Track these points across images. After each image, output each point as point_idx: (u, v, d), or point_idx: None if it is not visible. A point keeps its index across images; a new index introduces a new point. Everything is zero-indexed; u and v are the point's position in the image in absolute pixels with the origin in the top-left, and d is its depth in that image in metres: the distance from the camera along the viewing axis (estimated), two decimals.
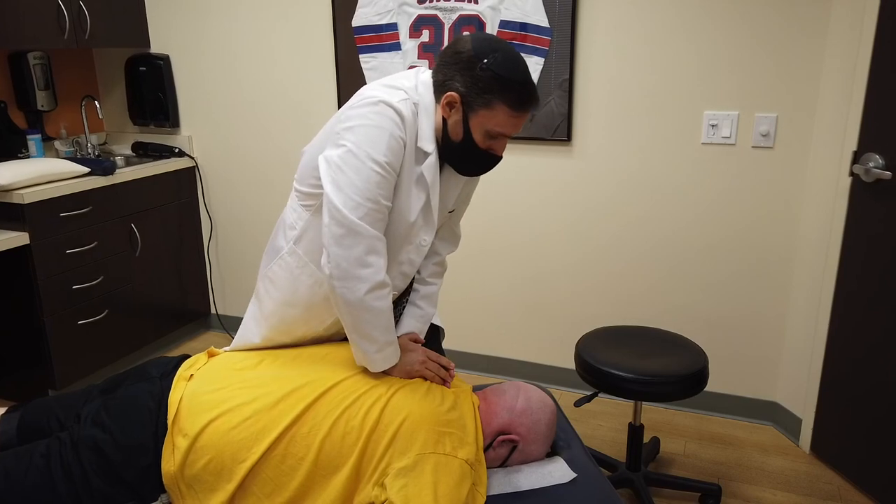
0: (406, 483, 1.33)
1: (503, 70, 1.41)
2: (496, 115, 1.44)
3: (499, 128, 1.45)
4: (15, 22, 2.68)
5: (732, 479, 2.37)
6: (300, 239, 1.60)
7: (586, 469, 1.56)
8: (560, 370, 2.98)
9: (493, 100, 1.42)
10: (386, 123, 1.42)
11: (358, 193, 1.40)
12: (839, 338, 2.36)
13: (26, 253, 2.62)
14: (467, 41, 1.46)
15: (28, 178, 2.61)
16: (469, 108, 1.45)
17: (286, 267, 1.62)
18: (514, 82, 1.41)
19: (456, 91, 1.45)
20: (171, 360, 1.62)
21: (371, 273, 1.43)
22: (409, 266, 1.63)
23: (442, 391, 1.54)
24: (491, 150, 1.50)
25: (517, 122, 1.46)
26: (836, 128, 2.31)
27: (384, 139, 1.41)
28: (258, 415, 1.43)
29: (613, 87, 2.60)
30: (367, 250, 1.42)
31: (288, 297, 1.62)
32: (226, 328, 3.61)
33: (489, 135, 1.47)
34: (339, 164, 1.41)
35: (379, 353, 1.50)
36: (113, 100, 3.50)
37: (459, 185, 1.66)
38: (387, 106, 1.42)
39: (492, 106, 1.43)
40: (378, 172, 1.41)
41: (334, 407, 1.44)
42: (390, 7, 2.80)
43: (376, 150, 1.41)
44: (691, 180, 2.59)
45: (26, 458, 1.42)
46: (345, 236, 1.40)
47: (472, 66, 1.42)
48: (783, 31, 2.34)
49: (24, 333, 2.76)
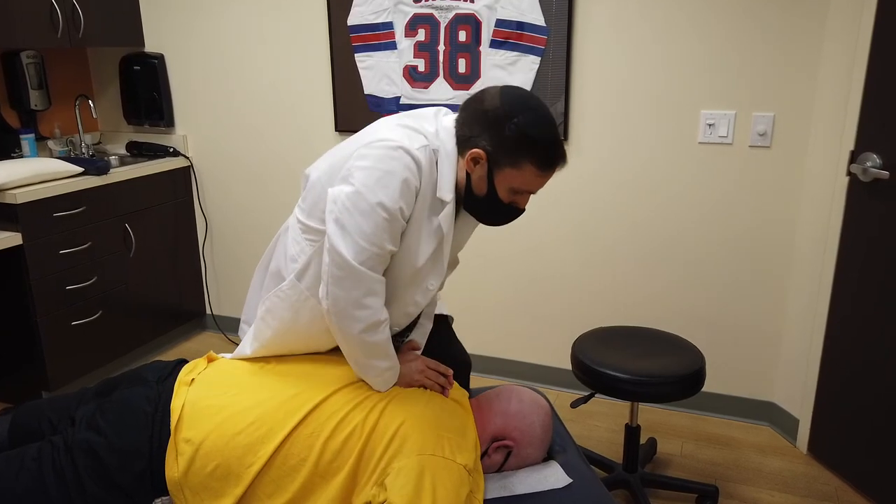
0: (405, 483, 1.32)
1: (532, 130, 1.38)
2: (524, 174, 1.42)
3: (525, 186, 1.44)
4: (8, 21, 2.66)
5: (729, 480, 2.36)
6: (303, 274, 1.55)
7: (582, 473, 1.55)
8: (557, 371, 2.97)
9: (521, 160, 1.40)
10: (401, 170, 1.38)
11: (363, 238, 1.38)
12: (837, 338, 2.35)
13: (19, 253, 2.60)
14: (496, 95, 1.42)
15: (21, 178, 2.59)
16: (495, 164, 1.42)
17: (286, 299, 1.58)
18: (543, 142, 1.38)
19: (482, 149, 1.42)
20: (168, 365, 1.60)
21: (368, 315, 1.43)
22: (415, 307, 1.60)
23: (442, 398, 1.54)
24: (514, 205, 1.48)
25: (544, 180, 1.45)
26: (834, 127, 2.30)
27: (397, 185, 1.38)
28: (262, 419, 1.43)
29: (610, 87, 2.59)
30: (365, 293, 1.41)
31: (288, 327, 1.59)
32: (221, 329, 3.60)
33: (514, 191, 1.46)
34: (347, 205, 1.38)
35: (378, 377, 1.51)
36: (107, 99, 3.48)
37: (472, 229, 1.66)
38: (405, 153, 1.39)
39: (519, 166, 1.41)
40: (386, 219, 1.38)
41: (337, 410, 1.44)
42: (386, 6, 2.79)
43: (388, 195, 1.37)
44: (688, 180, 2.58)
45: (17, 462, 1.41)
46: (344, 279, 1.39)
47: (499, 124, 1.39)
48: (780, 31, 2.33)
49: (17, 334, 2.74)
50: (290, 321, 1.58)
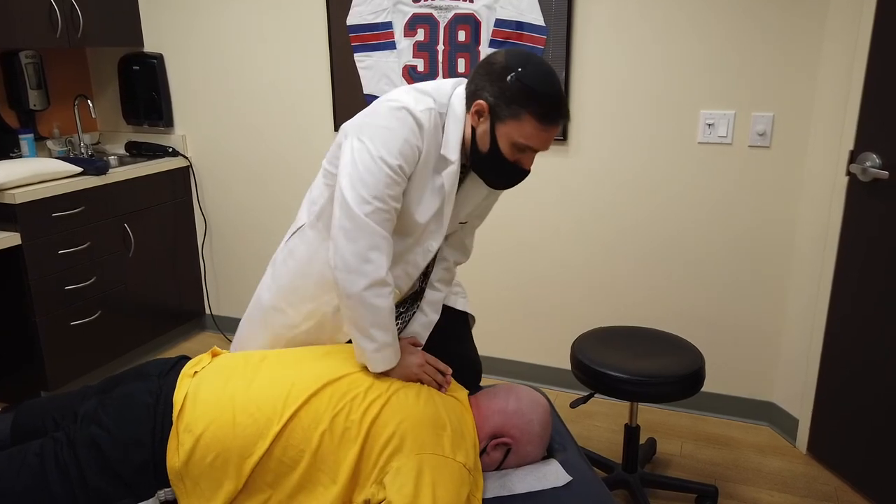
0: (404, 483, 1.32)
1: (533, 81, 1.40)
2: (524, 126, 1.43)
3: (525, 140, 1.44)
4: (6, 21, 2.65)
5: (729, 479, 2.36)
6: (321, 214, 1.63)
7: (581, 472, 1.54)
8: (556, 371, 2.97)
9: (521, 111, 1.41)
10: (402, 129, 1.45)
11: (367, 191, 1.43)
12: (836, 337, 2.35)
13: (18, 253, 2.60)
14: (501, 54, 1.47)
15: (20, 178, 2.59)
16: (497, 118, 1.45)
17: (306, 240, 1.66)
18: (544, 94, 1.40)
19: (485, 100, 1.45)
20: (170, 361, 1.61)
21: (372, 269, 1.45)
22: (414, 268, 1.64)
23: (442, 396, 1.54)
24: (518, 164, 1.49)
25: (545, 136, 1.44)
26: (833, 127, 2.30)
27: (398, 144, 1.44)
28: (262, 410, 1.43)
29: (609, 86, 2.59)
30: (370, 246, 1.45)
31: (303, 268, 1.66)
32: (220, 329, 3.59)
33: (517, 147, 1.46)
34: (355, 159, 1.46)
35: (377, 352, 1.51)
36: (106, 99, 3.48)
37: (479, 196, 1.66)
38: (407, 113, 1.45)
39: (520, 117, 1.42)
40: (388, 174, 1.44)
41: (336, 401, 1.44)
42: (385, 6, 2.79)
43: (389, 152, 1.44)
44: (688, 180, 2.58)
45: (19, 458, 1.41)
46: (351, 230, 1.44)
47: (502, 76, 1.42)
48: (780, 30, 2.33)
49: (16, 334, 2.74)
50: (305, 262, 1.65)
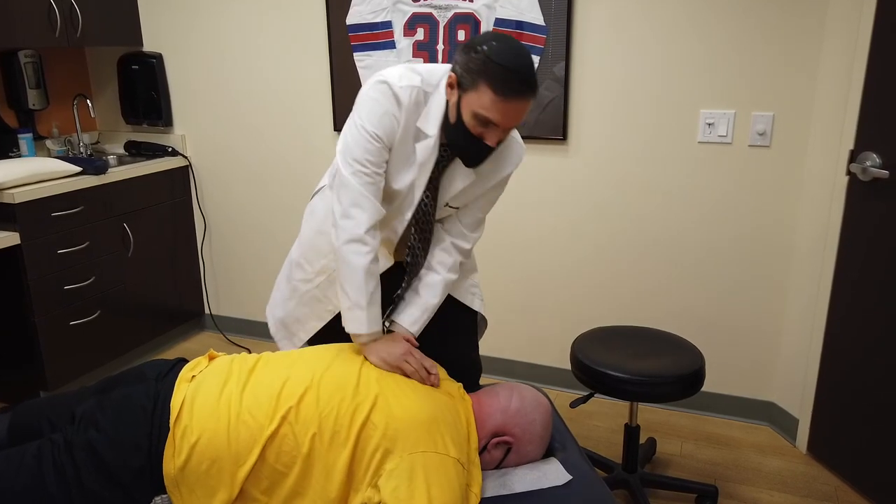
0: (398, 485, 1.32)
1: (493, 53, 1.44)
2: (481, 97, 1.46)
3: (484, 111, 1.47)
4: (5, 20, 2.65)
5: (729, 479, 2.36)
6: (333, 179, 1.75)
7: (582, 471, 1.54)
8: (556, 370, 2.97)
9: (480, 81, 1.46)
10: (382, 101, 1.56)
11: (350, 154, 1.59)
12: (836, 337, 2.35)
13: (17, 253, 2.59)
14: (480, 34, 1.57)
15: (19, 178, 2.59)
16: (462, 88, 1.50)
17: (325, 199, 1.82)
18: (501, 65, 1.43)
19: (455, 72, 1.52)
20: (168, 363, 1.60)
21: (352, 225, 1.58)
22: (393, 233, 1.74)
23: (432, 391, 1.52)
24: (482, 138, 1.52)
25: (503, 108, 1.46)
26: (833, 126, 2.30)
27: (378, 113, 1.56)
28: (255, 417, 1.42)
29: (609, 86, 2.59)
30: (351, 203, 1.59)
31: (320, 225, 1.81)
32: (220, 328, 3.59)
33: (478, 119, 1.49)
34: (346, 129, 1.62)
35: (349, 311, 1.61)
36: (105, 98, 3.48)
37: (464, 179, 1.68)
38: (388, 87, 1.56)
39: (478, 87, 1.46)
40: (367, 139, 1.57)
41: (324, 404, 1.43)
42: (385, 5, 2.78)
43: (370, 121, 1.57)
44: (687, 179, 2.58)
45: (17, 459, 1.41)
46: (340, 189, 1.60)
47: (469, 49, 1.48)
48: (780, 30, 2.33)
49: (15, 334, 2.73)
50: (322, 220, 1.82)
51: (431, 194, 1.70)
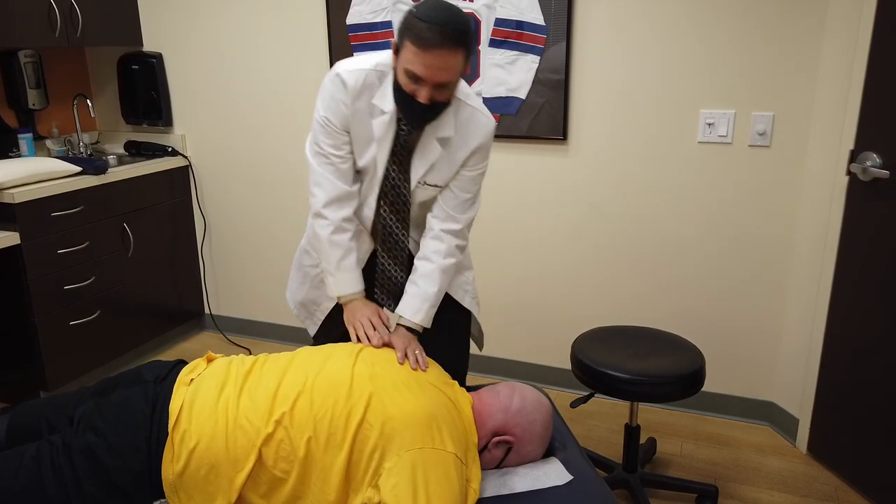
0: (397, 482, 1.32)
1: (419, 11, 1.52)
2: (406, 52, 1.54)
3: (410, 66, 1.53)
4: (5, 20, 2.65)
5: (729, 479, 2.36)
6: None
7: (582, 470, 1.54)
8: (556, 370, 2.97)
9: (405, 38, 1.54)
10: (331, 88, 1.71)
11: (311, 139, 1.79)
12: (836, 337, 2.35)
13: (17, 253, 2.59)
14: None
15: (19, 178, 2.58)
16: (396, 51, 1.60)
17: None
18: (420, 18, 1.50)
19: (395, 38, 1.65)
20: (167, 365, 1.60)
21: (315, 202, 1.79)
22: (370, 210, 1.84)
23: (429, 388, 1.50)
24: (414, 95, 1.58)
25: (425, 60, 1.51)
26: (834, 126, 2.30)
27: (327, 99, 1.72)
28: (252, 422, 1.42)
29: (609, 86, 2.59)
30: (313, 182, 1.79)
31: None
32: (219, 328, 3.59)
33: (409, 76, 1.56)
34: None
35: (326, 278, 1.85)
36: (105, 98, 3.48)
37: (432, 152, 1.73)
38: (336, 75, 1.70)
39: (404, 43, 1.54)
40: (320, 124, 1.74)
41: (318, 406, 1.43)
42: (385, 5, 2.78)
43: (322, 107, 1.73)
44: (687, 179, 2.58)
45: (16, 461, 1.40)
46: (308, 170, 1.80)
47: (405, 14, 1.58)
48: (780, 29, 2.33)
49: (15, 334, 2.73)
50: None
51: (399, 169, 1.76)
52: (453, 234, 1.81)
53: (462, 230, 1.83)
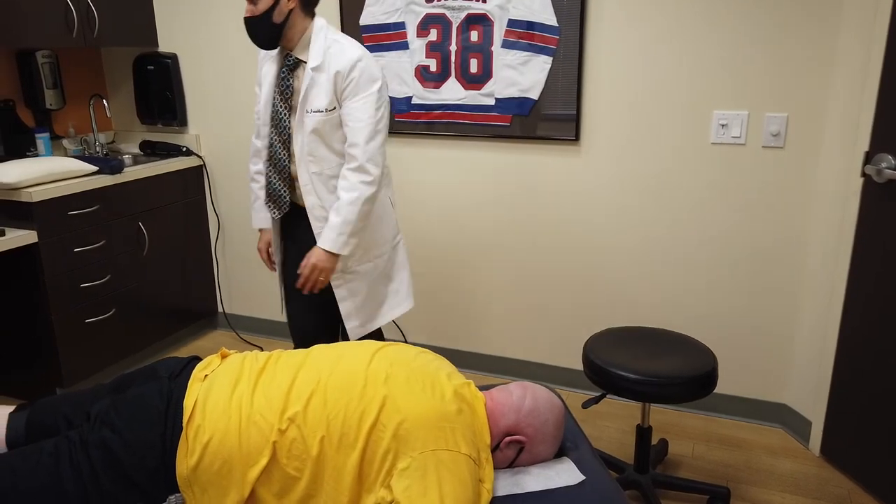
0: (410, 484, 1.32)
1: None
2: None
3: None
4: (23, 21, 2.68)
5: (741, 481, 2.35)
6: None
7: (595, 471, 1.54)
8: (568, 371, 2.97)
9: None
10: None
11: None
12: (850, 339, 2.34)
13: (34, 251, 2.62)
14: None
15: (36, 177, 2.62)
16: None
17: None
18: None
19: None
20: (181, 361, 1.61)
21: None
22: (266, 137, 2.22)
23: (442, 387, 1.50)
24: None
25: None
26: (848, 128, 2.28)
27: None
28: (265, 418, 1.43)
29: (622, 86, 2.59)
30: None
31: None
32: (233, 327, 3.61)
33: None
34: None
35: None
36: (121, 99, 3.51)
37: (305, 82, 2.04)
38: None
39: None
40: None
41: (331, 406, 1.44)
42: (398, 6, 2.79)
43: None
44: (700, 180, 2.57)
45: (34, 457, 1.42)
46: None
47: None
48: (794, 30, 2.32)
49: (31, 331, 2.76)
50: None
51: (282, 100, 2.11)
52: (353, 171, 2.04)
53: (362, 165, 2.03)
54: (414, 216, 3.05)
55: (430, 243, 3.06)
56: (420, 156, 2.97)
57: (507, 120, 2.76)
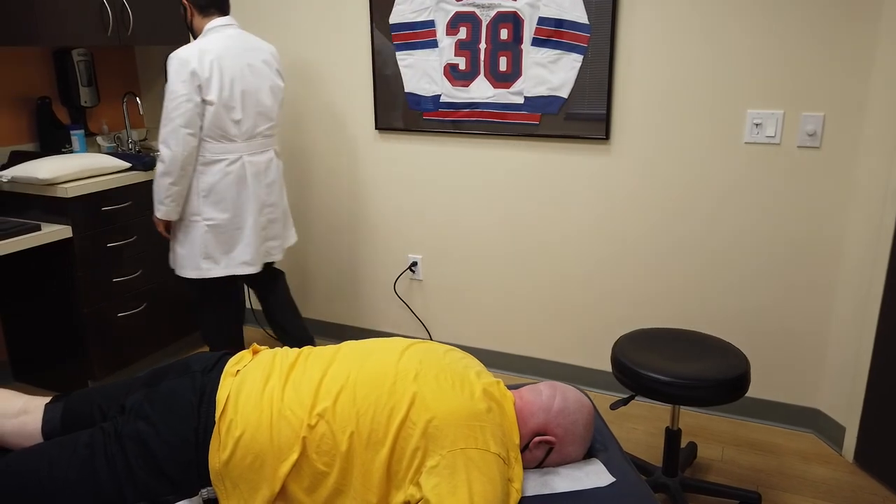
0: (439, 482, 1.32)
1: None
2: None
3: None
4: (60, 20, 2.73)
5: (772, 486, 2.31)
6: None
7: (624, 472, 1.53)
8: (596, 372, 2.95)
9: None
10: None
11: None
12: (886, 343, 2.28)
13: (68, 246, 2.67)
14: None
15: (71, 173, 2.66)
16: None
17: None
18: None
19: None
20: (213, 356, 1.63)
21: None
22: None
23: (472, 385, 1.50)
24: None
25: None
26: (887, 127, 2.23)
27: None
28: (296, 413, 1.44)
29: (654, 85, 2.56)
30: None
31: None
32: (260, 323, 3.64)
33: None
34: None
35: None
36: (153, 96, 3.56)
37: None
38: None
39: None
40: None
41: (360, 401, 1.44)
42: (428, 4, 2.79)
43: None
44: (733, 180, 2.53)
45: (70, 448, 1.45)
46: None
47: None
48: (831, 26, 2.28)
49: (65, 325, 2.81)
50: None
51: None
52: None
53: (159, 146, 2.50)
54: (441, 215, 3.05)
55: (458, 241, 3.06)
56: (448, 154, 2.96)
57: (536, 119, 2.74)
